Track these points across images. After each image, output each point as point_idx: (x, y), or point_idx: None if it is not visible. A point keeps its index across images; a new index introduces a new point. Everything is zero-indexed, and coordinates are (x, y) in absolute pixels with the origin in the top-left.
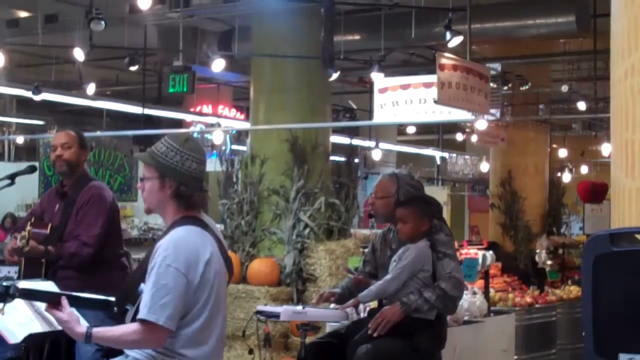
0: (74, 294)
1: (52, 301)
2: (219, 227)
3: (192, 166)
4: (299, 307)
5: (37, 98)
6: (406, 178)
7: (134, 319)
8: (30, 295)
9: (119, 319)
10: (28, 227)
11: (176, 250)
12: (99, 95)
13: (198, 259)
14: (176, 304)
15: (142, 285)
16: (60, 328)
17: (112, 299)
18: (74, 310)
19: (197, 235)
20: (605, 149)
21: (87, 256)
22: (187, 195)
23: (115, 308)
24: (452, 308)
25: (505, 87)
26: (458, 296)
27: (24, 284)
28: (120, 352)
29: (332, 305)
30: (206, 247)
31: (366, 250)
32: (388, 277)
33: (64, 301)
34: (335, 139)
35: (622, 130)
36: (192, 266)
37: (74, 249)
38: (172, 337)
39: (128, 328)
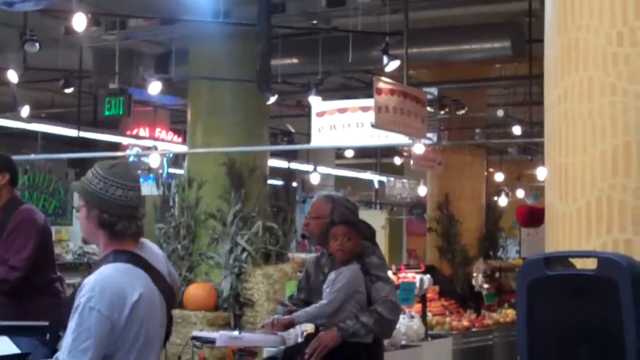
0: (4, 323)
1: None
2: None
3: (117, 193)
4: (235, 333)
5: None
6: (342, 200)
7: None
8: None
9: (53, 346)
10: None
11: (101, 292)
12: (34, 117)
13: (124, 301)
14: (97, 348)
15: None
16: None
17: (45, 323)
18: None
19: (126, 275)
20: (541, 173)
21: (16, 280)
22: (110, 224)
23: (48, 335)
24: (388, 332)
25: (442, 112)
26: (394, 320)
27: None
28: None
29: None
30: (135, 287)
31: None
32: (323, 301)
33: None
34: (273, 162)
35: (556, 155)
36: (117, 308)
37: (2, 274)
38: None
39: None
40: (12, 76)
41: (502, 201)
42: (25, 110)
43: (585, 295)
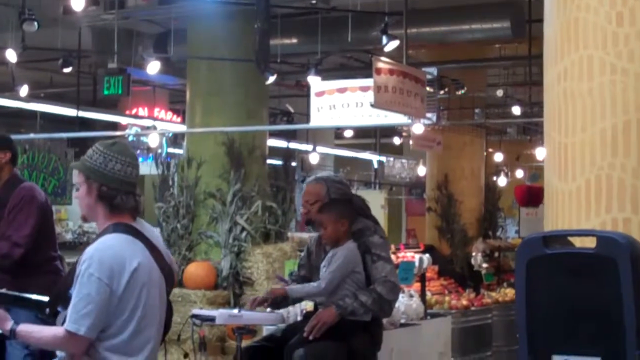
0: (6, 292)
1: None
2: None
3: (116, 167)
4: (235, 311)
5: None
6: (332, 177)
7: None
8: None
9: (51, 321)
10: None
11: (101, 259)
12: (33, 97)
13: (123, 269)
14: (98, 314)
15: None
16: None
17: (45, 299)
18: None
19: (125, 244)
20: (540, 153)
21: (18, 256)
22: (109, 197)
23: (47, 309)
24: (387, 311)
25: (442, 92)
26: (394, 299)
27: None
28: (50, 357)
29: (268, 309)
30: (134, 256)
31: (302, 253)
32: (320, 282)
33: None
34: (272, 142)
35: (555, 134)
36: (116, 276)
37: (5, 250)
38: (101, 348)
39: (50, 331)
40: (11, 56)
41: (502, 181)
42: (24, 90)
43: (584, 274)
